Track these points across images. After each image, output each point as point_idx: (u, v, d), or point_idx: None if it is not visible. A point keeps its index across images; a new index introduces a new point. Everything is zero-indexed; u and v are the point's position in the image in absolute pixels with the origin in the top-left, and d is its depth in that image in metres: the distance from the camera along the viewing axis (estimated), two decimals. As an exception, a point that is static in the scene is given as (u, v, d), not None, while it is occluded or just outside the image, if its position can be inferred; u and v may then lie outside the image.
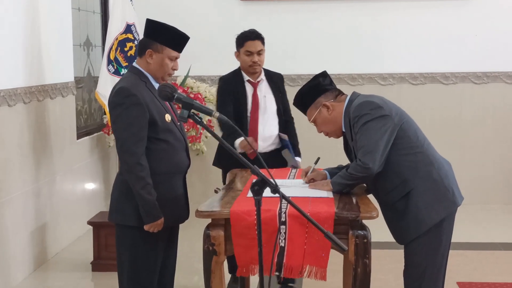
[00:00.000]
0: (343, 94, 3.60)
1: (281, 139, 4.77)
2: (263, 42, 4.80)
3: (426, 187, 3.41)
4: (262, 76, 4.84)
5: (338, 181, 3.52)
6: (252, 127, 4.71)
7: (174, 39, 3.46)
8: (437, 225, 3.43)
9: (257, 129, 4.71)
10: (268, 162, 4.38)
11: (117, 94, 3.38)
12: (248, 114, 4.72)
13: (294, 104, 3.69)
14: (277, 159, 4.68)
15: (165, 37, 3.43)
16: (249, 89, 4.77)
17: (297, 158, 4.78)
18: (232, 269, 4.76)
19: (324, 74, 3.63)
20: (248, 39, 4.74)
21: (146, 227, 3.38)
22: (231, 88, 4.75)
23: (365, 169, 3.34)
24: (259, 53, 4.75)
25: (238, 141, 4.50)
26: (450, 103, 7.54)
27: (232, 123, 2.70)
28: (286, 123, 4.89)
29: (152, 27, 3.48)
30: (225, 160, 4.63)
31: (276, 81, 4.91)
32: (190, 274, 5.36)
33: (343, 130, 3.56)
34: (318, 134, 8.01)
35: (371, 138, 3.34)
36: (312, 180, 3.74)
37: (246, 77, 4.79)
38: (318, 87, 3.57)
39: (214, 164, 4.99)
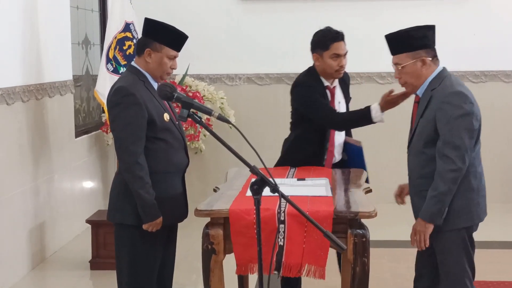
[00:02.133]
0: (438, 59, 3.47)
1: (349, 146, 4.43)
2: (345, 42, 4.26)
3: (464, 194, 3.37)
4: (336, 80, 4.35)
5: (436, 209, 3.32)
6: (331, 139, 4.31)
7: (173, 38, 3.46)
8: (457, 230, 3.40)
9: (335, 141, 4.33)
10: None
11: (115, 94, 3.39)
12: None
13: (389, 38, 3.47)
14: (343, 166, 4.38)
15: (164, 36, 3.43)
16: (327, 96, 4.30)
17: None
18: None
19: (433, 29, 3.47)
20: (335, 41, 4.17)
21: (144, 226, 3.38)
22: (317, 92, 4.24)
23: (456, 172, 3.27)
24: (345, 55, 4.23)
25: (375, 108, 4.05)
26: (448, 102, 7.54)
27: (230, 121, 2.71)
28: None
29: (151, 26, 3.48)
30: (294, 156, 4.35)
31: (347, 83, 4.47)
32: (189, 272, 5.37)
33: (419, 94, 3.46)
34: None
35: (464, 138, 3.30)
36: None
37: (325, 82, 4.28)
38: (425, 40, 3.41)
39: (279, 164, 4.44)
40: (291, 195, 3.38)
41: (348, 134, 4.50)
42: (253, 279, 4.34)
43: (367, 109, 4.12)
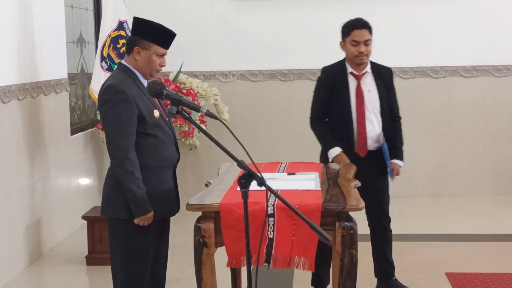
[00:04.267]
0: None
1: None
2: (370, 32, 4.48)
3: None
4: (368, 68, 4.53)
5: None
6: (360, 122, 4.45)
7: (161, 36, 3.52)
8: None
9: (365, 125, 4.46)
10: (372, 160, 4.45)
11: (106, 91, 3.46)
12: (353, 109, 4.46)
13: None
14: (380, 158, 4.52)
15: (152, 34, 3.49)
16: (352, 81, 4.49)
17: (399, 162, 4.59)
18: (314, 281, 4.65)
19: None
20: (355, 28, 4.44)
21: (136, 221, 3.44)
22: (332, 80, 4.50)
23: None
24: (366, 43, 4.43)
25: (332, 153, 4.41)
26: (439, 97, 7.62)
27: (218, 117, 2.78)
28: (391, 123, 4.59)
29: (139, 24, 3.53)
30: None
31: (383, 76, 4.59)
32: (184, 267, 5.42)
33: None
34: (306, 129, 7.88)
35: None
36: None
37: (349, 69, 4.50)
38: None
39: (323, 160, 4.60)
40: (281, 189, 3.45)
41: (385, 128, 4.55)
42: (245, 271, 4.40)
43: (329, 148, 4.47)
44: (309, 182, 3.68)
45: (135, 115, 3.42)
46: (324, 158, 4.56)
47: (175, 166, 3.67)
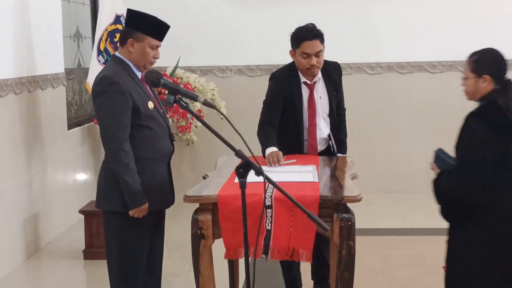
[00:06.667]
0: None
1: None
2: (322, 41, 4.21)
3: None
4: (319, 74, 4.32)
5: None
6: (311, 133, 4.32)
7: (155, 28, 3.51)
8: None
9: (316, 135, 4.32)
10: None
11: (100, 83, 3.45)
12: (306, 121, 4.30)
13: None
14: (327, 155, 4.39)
15: (145, 26, 3.48)
16: (304, 91, 4.30)
17: (342, 155, 4.45)
18: (288, 284, 4.55)
19: None
20: (305, 39, 4.15)
21: (131, 213, 3.43)
22: (285, 90, 4.28)
23: None
24: (318, 54, 4.18)
25: (268, 151, 4.05)
26: (437, 92, 7.61)
27: (215, 106, 2.77)
28: (337, 117, 4.45)
29: (133, 17, 3.54)
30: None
31: (334, 78, 4.40)
32: (182, 262, 5.42)
33: None
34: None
35: None
36: None
37: (302, 78, 4.28)
38: None
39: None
40: (278, 181, 3.43)
41: (332, 128, 4.46)
42: (243, 263, 4.40)
43: (265, 148, 4.14)
44: (306, 174, 3.68)
45: (130, 106, 3.42)
46: None
47: (170, 158, 3.67)
